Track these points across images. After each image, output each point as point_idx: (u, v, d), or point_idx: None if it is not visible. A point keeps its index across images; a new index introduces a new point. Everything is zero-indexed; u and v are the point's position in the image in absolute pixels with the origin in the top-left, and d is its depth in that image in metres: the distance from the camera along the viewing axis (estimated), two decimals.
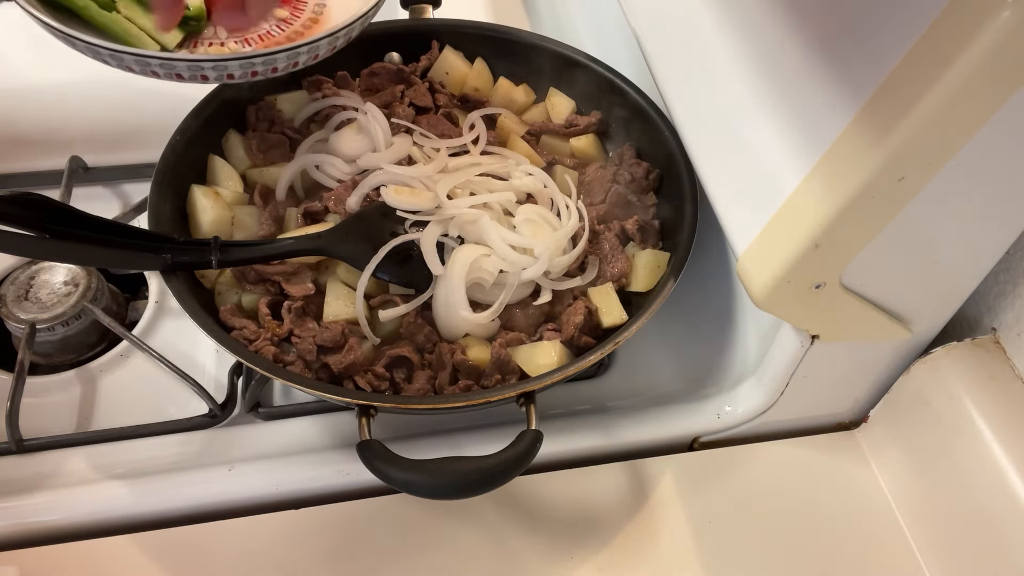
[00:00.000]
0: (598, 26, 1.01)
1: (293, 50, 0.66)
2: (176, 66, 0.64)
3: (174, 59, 0.63)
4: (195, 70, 0.64)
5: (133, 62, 0.63)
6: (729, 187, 0.62)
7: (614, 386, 0.77)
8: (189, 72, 0.64)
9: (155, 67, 0.64)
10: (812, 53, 0.53)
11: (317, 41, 0.66)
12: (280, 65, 0.66)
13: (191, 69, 0.64)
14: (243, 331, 0.67)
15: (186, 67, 0.64)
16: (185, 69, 0.64)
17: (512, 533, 0.66)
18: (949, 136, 0.46)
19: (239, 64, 0.64)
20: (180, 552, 0.64)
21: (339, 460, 0.68)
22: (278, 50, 0.65)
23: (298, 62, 0.67)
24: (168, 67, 0.64)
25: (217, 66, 0.64)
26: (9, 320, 0.73)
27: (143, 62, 0.63)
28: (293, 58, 0.67)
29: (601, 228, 0.74)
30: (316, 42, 0.66)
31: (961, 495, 0.63)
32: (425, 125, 0.81)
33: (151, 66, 0.64)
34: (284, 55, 0.65)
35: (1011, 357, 0.64)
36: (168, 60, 0.63)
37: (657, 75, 0.73)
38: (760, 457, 0.72)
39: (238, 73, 0.65)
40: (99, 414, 0.72)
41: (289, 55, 0.66)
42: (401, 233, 0.70)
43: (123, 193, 0.87)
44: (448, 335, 0.69)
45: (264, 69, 0.66)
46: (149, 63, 0.63)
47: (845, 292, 0.57)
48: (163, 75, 0.65)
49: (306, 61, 0.68)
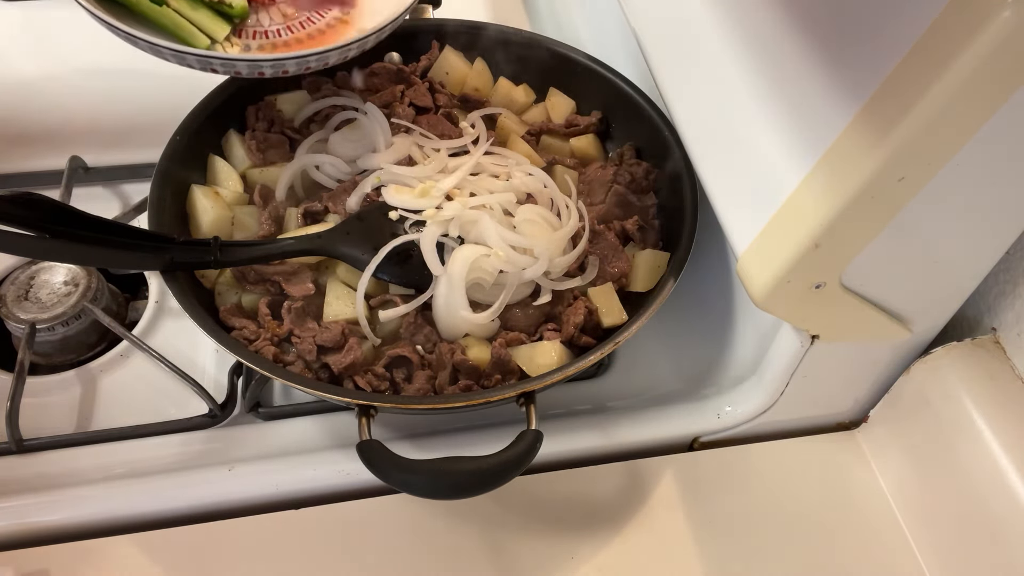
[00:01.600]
0: (598, 26, 1.01)
1: (344, 47, 0.70)
2: (236, 65, 0.69)
3: (235, 59, 0.69)
4: (254, 68, 0.69)
5: (195, 61, 0.68)
6: (729, 187, 0.62)
7: (614, 386, 0.77)
8: (248, 70, 0.69)
9: (216, 65, 0.69)
10: (812, 53, 0.53)
11: (365, 38, 0.72)
12: (332, 60, 0.71)
13: (250, 68, 0.69)
14: (243, 331, 0.67)
15: (246, 66, 0.69)
16: (245, 68, 0.69)
17: (512, 533, 0.66)
18: (949, 136, 0.46)
19: (295, 62, 0.70)
20: (180, 552, 0.64)
21: (339, 460, 0.68)
22: (330, 48, 0.70)
23: (347, 56, 0.72)
24: (228, 66, 0.69)
25: (275, 64, 0.69)
26: (9, 320, 0.73)
27: (204, 61, 0.68)
28: (344, 53, 0.71)
29: (601, 228, 0.74)
30: (365, 39, 0.72)
31: (961, 495, 0.63)
32: (425, 125, 0.81)
33: (212, 65, 0.68)
34: (336, 52, 0.70)
35: (1011, 357, 0.64)
36: (230, 60, 0.69)
37: (657, 75, 0.73)
38: (760, 457, 0.72)
39: (293, 69, 0.70)
40: (99, 414, 0.72)
41: (341, 51, 0.71)
42: (401, 233, 0.70)
43: (123, 193, 0.87)
44: (448, 335, 0.69)
45: (317, 64, 0.71)
46: (211, 62, 0.68)
47: (845, 292, 0.57)
48: (222, 72, 0.70)
49: (354, 54, 0.73)
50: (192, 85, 0.77)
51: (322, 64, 0.71)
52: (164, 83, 0.87)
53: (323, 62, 0.71)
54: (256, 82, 0.79)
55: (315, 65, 0.71)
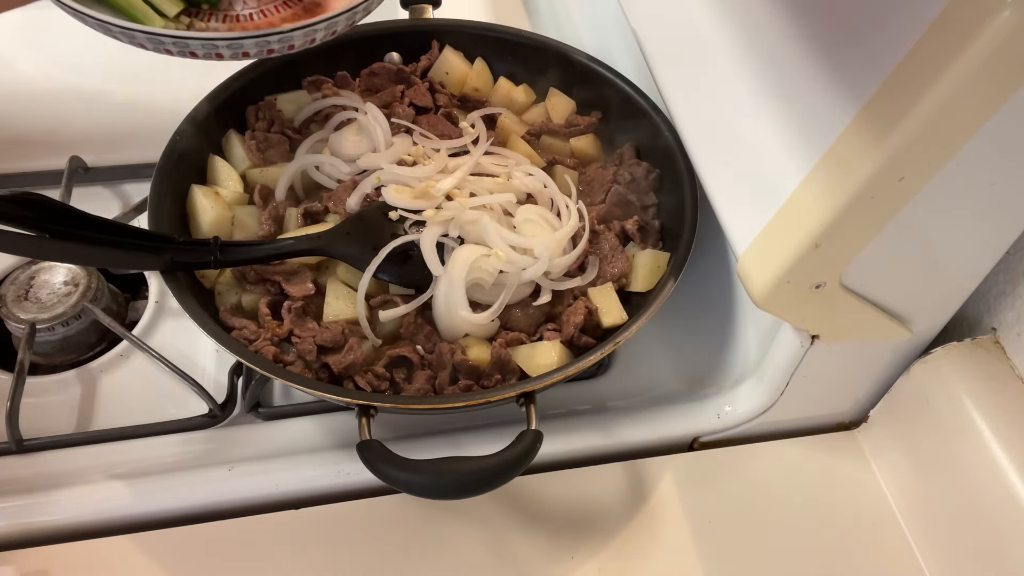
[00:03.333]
0: (598, 26, 1.01)
1: (310, 27, 0.65)
2: (189, 44, 0.63)
3: (188, 37, 0.63)
4: (209, 48, 0.64)
5: (145, 40, 0.63)
6: (729, 187, 0.62)
7: (614, 386, 0.77)
8: (203, 51, 0.64)
9: (168, 45, 0.63)
10: (812, 53, 0.53)
11: (334, 17, 0.66)
12: (297, 43, 0.66)
13: (205, 47, 0.64)
14: (243, 331, 0.67)
15: (200, 45, 0.63)
16: (200, 48, 0.64)
17: (512, 533, 0.66)
18: (949, 136, 0.46)
19: (254, 41, 0.64)
20: (180, 552, 0.64)
21: (339, 460, 0.68)
22: (295, 27, 0.64)
23: (315, 38, 0.67)
24: (181, 45, 0.63)
25: (232, 44, 0.64)
26: (9, 320, 0.73)
27: (155, 40, 0.63)
28: (311, 34, 0.66)
29: (601, 228, 0.74)
30: (334, 17, 0.66)
31: (961, 495, 0.63)
32: (425, 125, 0.81)
33: (164, 44, 0.63)
34: (300, 32, 0.65)
35: (1011, 357, 0.64)
36: (182, 38, 0.63)
37: (657, 75, 0.73)
38: (760, 457, 0.72)
39: (252, 51, 0.65)
40: (99, 414, 0.72)
41: (306, 32, 0.65)
42: (401, 233, 0.70)
43: (123, 193, 0.87)
44: (448, 335, 0.69)
45: (280, 46, 0.66)
46: (162, 41, 0.63)
47: (845, 292, 0.57)
48: (176, 52, 0.64)
49: (322, 37, 0.67)
50: (192, 85, 0.77)
51: (286, 46, 0.67)
52: (164, 83, 0.87)
53: (287, 44, 0.66)
54: (256, 82, 0.79)
55: (278, 48, 0.66)
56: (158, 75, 0.89)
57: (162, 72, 0.84)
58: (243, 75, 0.79)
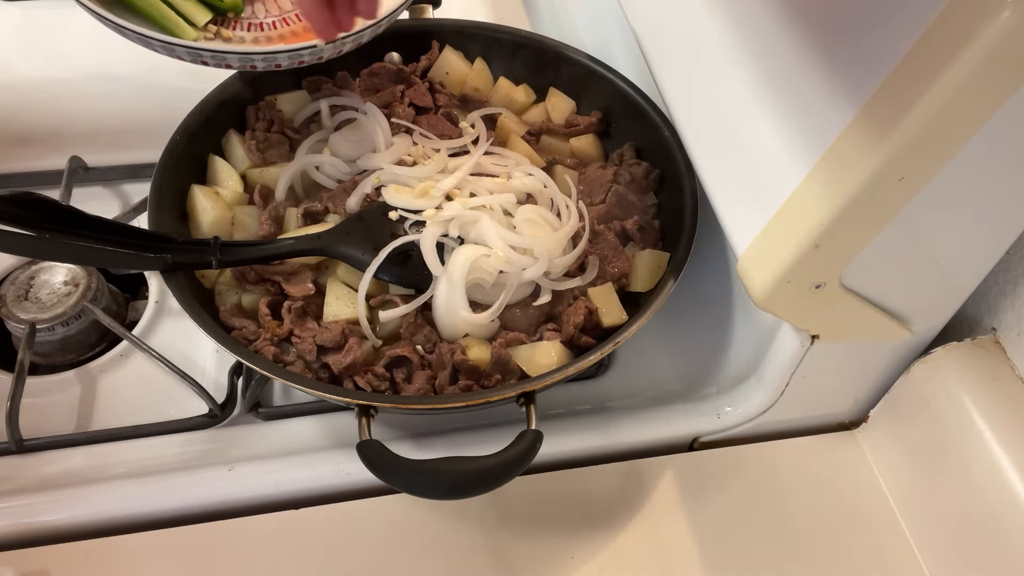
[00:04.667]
0: (598, 26, 1.01)
1: (338, 42, 0.70)
2: (227, 58, 0.69)
3: (226, 52, 0.68)
4: (245, 61, 0.69)
5: (184, 53, 0.67)
6: (729, 187, 0.62)
7: (614, 386, 0.77)
8: (239, 63, 0.69)
9: (206, 57, 0.68)
10: (812, 53, 0.53)
11: (361, 32, 0.71)
12: (326, 55, 0.72)
13: (241, 60, 0.69)
14: (243, 331, 0.67)
15: (237, 59, 0.69)
16: (236, 60, 0.69)
17: (512, 533, 0.66)
18: (949, 136, 0.46)
19: (288, 55, 0.69)
20: (180, 552, 0.64)
21: (339, 460, 0.68)
22: (304, 46, 0.69)
23: (342, 51, 0.72)
24: (219, 58, 0.68)
25: (267, 58, 0.69)
26: (9, 320, 0.73)
27: (194, 53, 0.68)
28: (339, 48, 0.71)
29: (601, 228, 0.74)
30: (361, 32, 0.71)
31: (961, 495, 0.63)
32: (425, 125, 0.81)
33: (202, 56, 0.68)
34: (330, 47, 0.70)
35: (1011, 357, 0.64)
36: (220, 52, 0.68)
37: (657, 75, 0.73)
38: (760, 457, 0.72)
39: (285, 63, 0.71)
40: (99, 414, 0.72)
41: (335, 46, 0.71)
42: (401, 233, 0.70)
43: (123, 193, 0.87)
44: (448, 335, 0.69)
45: (311, 59, 0.71)
46: (200, 54, 0.68)
47: (845, 292, 0.57)
48: (212, 64, 0.70)
49: (349, 49, 0.72)
50: (192, 85, 0.77)
51: (316, 58, 0.70)
52: (164, 83, 0.87)
53: (316, 56, 0.70)
54: (256, 82, 0.79)
55: (308, 59, 0.70)
56: (158, 75, 0.89)
57: (162, 72, 0.84)
58: (243, 75, 0.79)
